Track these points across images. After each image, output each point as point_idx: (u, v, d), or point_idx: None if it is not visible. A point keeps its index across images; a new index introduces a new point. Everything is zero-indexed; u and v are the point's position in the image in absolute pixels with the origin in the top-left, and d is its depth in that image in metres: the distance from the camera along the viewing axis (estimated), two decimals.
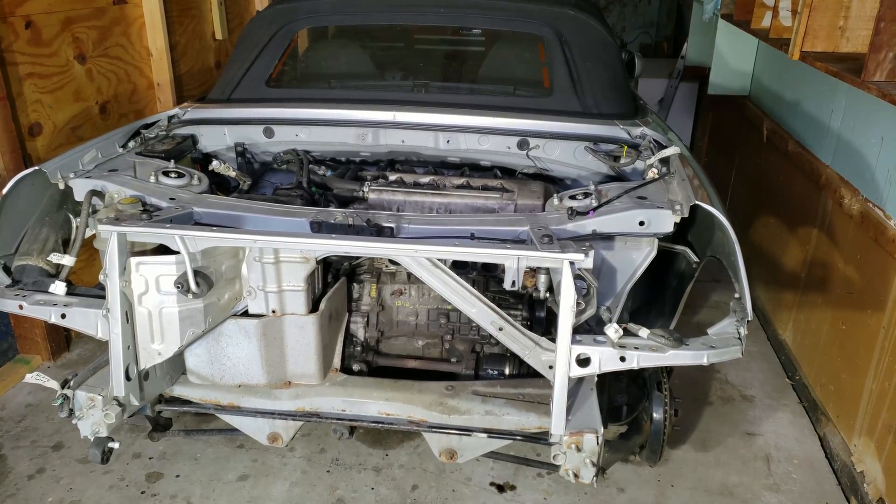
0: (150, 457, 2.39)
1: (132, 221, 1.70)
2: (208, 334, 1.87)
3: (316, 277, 1.95)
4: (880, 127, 2.32)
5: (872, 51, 2.02)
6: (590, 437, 1.70)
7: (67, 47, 2.93)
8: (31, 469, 2.33)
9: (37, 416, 2.59)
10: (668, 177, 1.98)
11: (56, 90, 2.88)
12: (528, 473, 2.35)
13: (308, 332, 1.91)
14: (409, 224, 1.82)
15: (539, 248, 1.62)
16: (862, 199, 2.37)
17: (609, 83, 2.44)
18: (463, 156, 2.40)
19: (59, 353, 2.95)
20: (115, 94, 3.27)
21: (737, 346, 1.70)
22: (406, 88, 2.85)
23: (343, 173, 2.36)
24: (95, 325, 1.81)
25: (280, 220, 1.84)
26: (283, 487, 2.28)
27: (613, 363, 1.67)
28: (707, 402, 2.77)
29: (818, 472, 2.42)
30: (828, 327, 2.64)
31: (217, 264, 1.77)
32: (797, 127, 3.10)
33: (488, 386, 1.99)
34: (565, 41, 2.44)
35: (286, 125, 2.39)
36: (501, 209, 2.13)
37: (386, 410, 1.93)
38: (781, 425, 2.66)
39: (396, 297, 2.19)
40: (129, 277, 1.70)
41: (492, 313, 1.75)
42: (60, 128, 2.91)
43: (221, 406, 1.97)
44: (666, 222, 1.77)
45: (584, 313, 1.71)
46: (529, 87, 2.78)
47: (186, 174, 2.04)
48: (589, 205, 1.84)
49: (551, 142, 2.28)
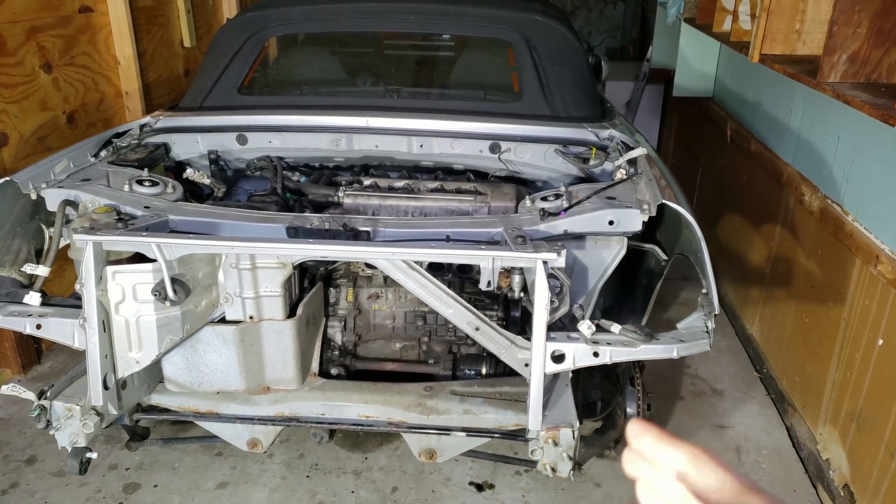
0: (126, 468, 2.37)
1: (108, 230, 1.69)
2: (186, 342, 1.87)
3: (293, 283, 1.96)
4: (836, 126, 2.41)
5: (827, 53, 2.11)
6: (566, 431, 1.75)
7: (33, 56, 2.90)
8: (4, 484, 2.30)
9: (8, 430, 2.55)
10: (636, 177, 2.04)
11: (22, 100, 2.84)
12: (506, 472, 2.39)
13: (286, 338, 1.92)
14: (385, 227, 1.85)
15: (513, 248, 1.66)
16: (821, 195, 2.47)
17: (577, 87, 2.50)
18: (436, 160, 2.43)
19: (30, 365, 2.90)
20: (83, 103, 3.24)
21: (705, 339, 1.76)
22: (378, 94, 2.88)
23: (317, 179, 2.38)
24: (72, 334, 1.79)
25: (256, 226, 1.85)
26: (263, 494, 2.28)
27: (587, 358, 1.72)
28: (678, 397, 2.84)
29: (786, 462, 2.50)
30: (792, 320, 2.73)
31: (194, 272, 1.77)
32: (759, 127, 3.20)
33: (466, 386, 2.02)
34: (533, 46, 2.50)
35: (259, 132, 2.40)
36: (475, 212, 2.17)
37: (365, 413, 1.94)
38: (750, 417, 2.74)
39: (373, 301, 2.21)
40: (106, 286, 1.70)
41: (468, 314, 1.78)
42: (27, 138, 2.87)
43: (200, 413, 1.97)
44: (634, 221, 1.83)
45: (558, 311, 1.76)
46: (500, 92, 2.83)
47: (160, 182, 2.04)
48: (560, 206, 1.89)
49: (522, 145, 2.33)
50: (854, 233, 2.19)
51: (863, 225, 2.18)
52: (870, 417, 2.11)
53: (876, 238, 2.09)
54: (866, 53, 2.05)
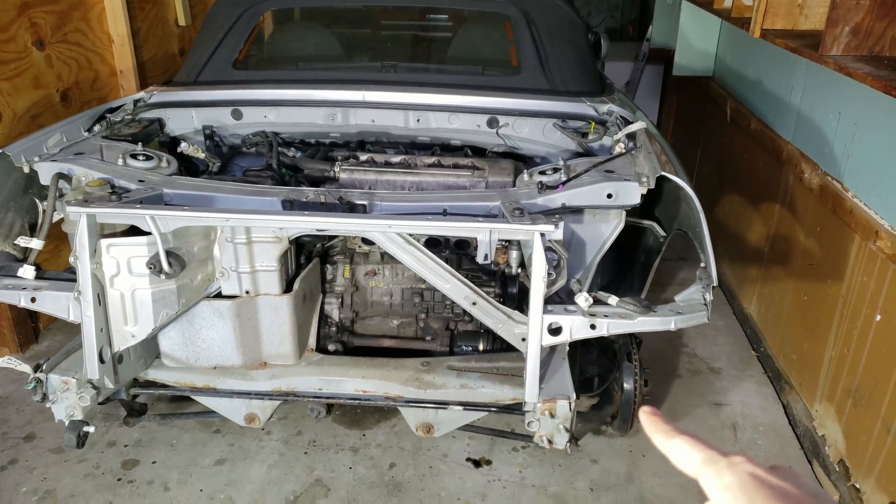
0: (125, 444, 2.37)
1: (102, 203, 1.68)
2: (182, 316, 1.86)
3: (289, 258, 1.95)
4: (838, 102, 2.39)
5: (829, 25, 2.08)
6: (563, 403, 1.75)
7: (24, 33, 2.86)
8: (2, 460, 2.30)
9: (6, 407, 2.55)
10: (635, 151, 2.03)
11: (14, 77, 2.80)
12: (503, 448, 2.39)
13: (282, 312, 1.91)
14: (382, 201, 1.83)
15: (510, 220, 1.65)
16: (821, 172, 2.45)
17: (576, 61, 2.48)
18: (433, 135, 2.41)
19: (28, 344, 2.89)
20: (77, 81, 3.20)
21: (703, 311, 1.76)
22: (375, 69, 2.85)
23: (313, 154, 2.36)
24: (67, 307, 1.79)
25: (251, 199, 1.84)
26: (261, 470, 2.28)
27: (584, 331, 1.71)
28: (676, 375, 2.85)
29: (782, 438, 2.51)
30: (790, 299, 2.72)
31: (189, 245, 1.76)
32: (759, 105, 3.17)
33: (463, 361, 2.02)
34: (532, 20, 2.46)
35: (254, 106, 2.37)
36: (472, 186, 2.16)
37: (362, 388, 1.94)
38: (747, 395, 2.75)
39: (370, 278, 2.20)
40: (101, 259, 1.69)
41: (465, 288, 1.78)
42: (20, 115, 2.84)
43: (197, 388, 1.96)
44: (633, 194, 1.82)
45: (555, 284, 1.75)
46: (498, 66, 2.80)
47: (155, 157, 2.02)
48: (558, 179, 1.87)
49: (520, 119, 2.31)
50: (854, 209, 2.18)
51: (862, 201, 2.16)
52: (866, 393, 2.11)
53: (875, 214, 2.07)
54: (869, 25, 2.03)
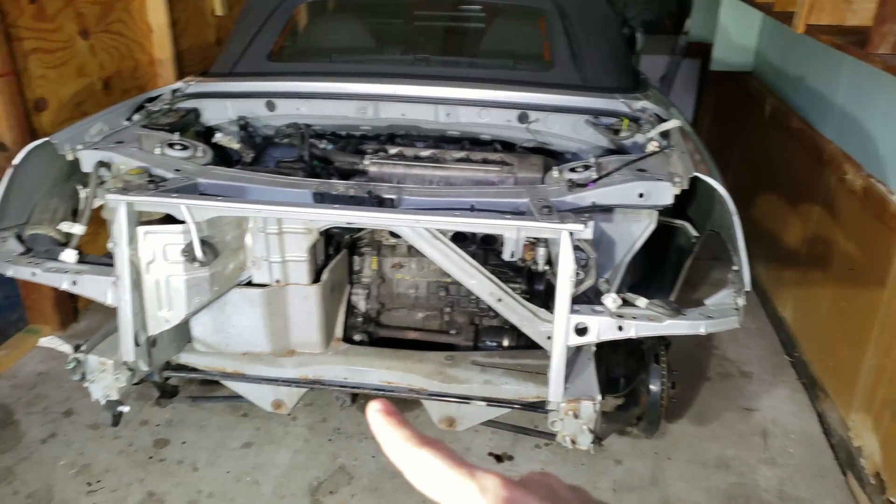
0: (157, 424, 2.45)
1: (139, 191, 1.73)
2: (214, 303, 1.91)
3: (318, 248, 1.98)
4: (885, 101, 2.31)
5: (878, 23, 2.01)
6: (587, 403, 1.73)
7: (71, 22, 2.94)
8: (43, 434, 2.39)
9: (47, 383, 2.65)
10: (669, 150, 1.99)
11: (60, 65, 2.89)
12: (525, 445, 2.39)
13: (311, 302, 1.94)
14: (410, 196, 1.84)
15: (538, 218, 1.64)
16: (865, 174, 2.37)
17: (610, 56, 2.44)
18: (463, 129, 2.41)
19: (68, 323, 3.00)
20: (118, 70, 3.28)
21: (734, 316, 1.72)
22: (406, 62, 2.85)
23: (344, 147, 2.38)
24: (105, 292, 1.84)
25: (283, 191, 1.87)
26: (287, 455, 2.33)
27: (611, 332, 1.70)
28: (705, 378, 2.80)
29: (815, 447, 2.45)
30: (828, 304, 2.65)
31: (222, 234, 1.80)
32: (801, 103, 3.08)
33: (487, 356, 2.02)
34: (566, 14, 2.43)
35: (288, 98, 2.40)
36: (501, 182, 2.15)
37: (387, 379, 1.96)
38: (779, 401, 2.68)
39: (397, 270, 2.22)
40: (137, 246, 1.74)
41: (491, 284, 1.77)
42: (65, 103, 2.92)
43: (227, 373, 2.01)
44: (665, 194, 1.79)
45: (583, 284, 1.74)
46: (530, 61, 2.78)
47: (191, 146, 2.06)
48: (588, 177, 1.85)
49: (552, 115, 2.29)
50: None
51: None
52: None
53: None
54: None
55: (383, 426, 0.44)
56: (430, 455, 0.42)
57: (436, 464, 0.42)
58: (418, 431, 0.43)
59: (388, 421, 0.44)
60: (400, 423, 0.44)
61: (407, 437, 0.43)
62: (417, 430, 0.43)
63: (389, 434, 0.44)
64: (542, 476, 0.44)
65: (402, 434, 0.43)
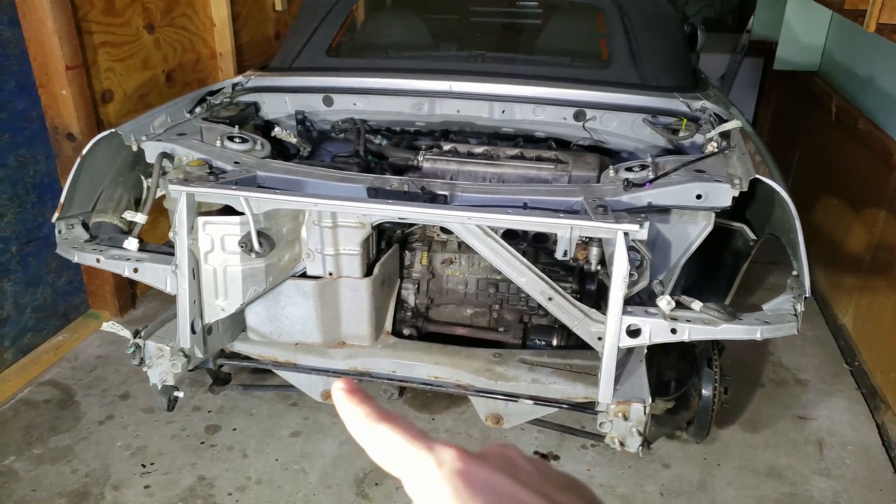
0: (209, 410, 2.52)
1: (200, 182, 1.77)
2: (268, 294, 1.95)
3: (371, 243, 2.00)
4: None
5: None
6: (637, 406, 1.71)
7: (137, 17, 3.04)
8: (101, 415, 2.49)
9: (106, 367, 2.76)
10: (728, 151, 1.94)
11: (126, 59, 3.00)
12: (572, 445, 2.37)
13: (362, 295, 1.96)
14: (463, 192, 1.84)
15: (593, 218, 1.62)
16: None
17: (669, 54, 2.39)
18: (517, 126, 2.40)
19: (126, 309, 3.11)
20: (180, 63, 3.38)
21: (792, 322, 1.67)
22: (462, 58, 2.86)
23: (398, 143, 2.40)
24: (164, 280, 1.91)
25: (338, 185, 1.89)
26: (333, 445, 2.37)
27: (664, 335, 1.67)
28: (759, 384, 2.73)
29: (873, 460, 2.36)
30: (891, 313, 2.54)
31: (278, 227, 1.84)
32: (869, 104, 2.96)
33: (535, 355, 2.01)
34: (625, 11, 2.39)
35: (345, 94, 2.43)
36: (555, 180, 2.13)
37: (434, 374, 1.97)
38: (836, 411, 2.59)
39: (447, 266, 2.22)
40: (197, 236, 1.79)
41: (542, 283, 1.76)
42: (130, 94, 3.03)
43: (279, 363, 2.05)
44: (724, 196, 1.74)
45: (637, 285, 1.71)
46: (587, 59, 2.74)
47: (250, 140, 2.11)
48: (645, 177, 1.82)
49: (608, 113, 2.26)
50: None
51: None
52: None
53: None
54: None
55: (346, 403, 0.44)
56: (389, 430, 0.42)
57: (394, 438, 0.42)
58: (380, 407, 0.43)
59: (351, 399, 0.44)
60: (362, 401, 0.44)
61: (367, 413, 0.43)
62: (379, 407, 0.43)
63: (351, 411, 0.44)
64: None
65: (363, 410, 0.43)
